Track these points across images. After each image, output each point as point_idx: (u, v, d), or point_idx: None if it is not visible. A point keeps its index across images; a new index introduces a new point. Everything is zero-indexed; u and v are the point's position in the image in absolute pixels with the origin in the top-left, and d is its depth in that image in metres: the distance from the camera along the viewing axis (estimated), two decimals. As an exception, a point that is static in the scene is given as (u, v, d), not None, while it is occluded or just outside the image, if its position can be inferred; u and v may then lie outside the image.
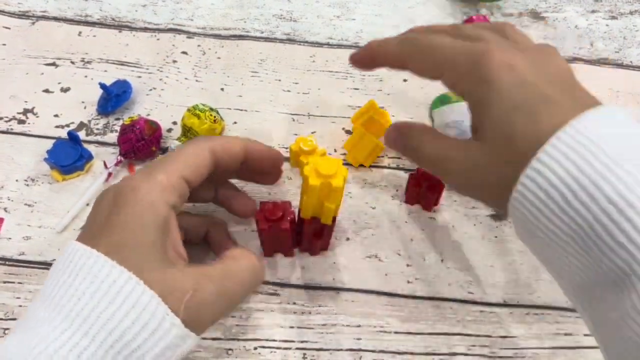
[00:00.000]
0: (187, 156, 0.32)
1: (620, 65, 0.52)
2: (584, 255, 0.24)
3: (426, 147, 0.33)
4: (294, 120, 0.47)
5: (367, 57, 0.36)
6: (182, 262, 0.30)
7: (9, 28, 0.51)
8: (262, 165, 0.37)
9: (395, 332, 0.37)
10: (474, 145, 0.30)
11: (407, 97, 0.49)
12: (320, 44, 0.52)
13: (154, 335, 0.26)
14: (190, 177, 0.31)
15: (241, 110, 0.47)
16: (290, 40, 0.52)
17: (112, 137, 0.44)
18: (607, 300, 0.24)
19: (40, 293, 0.28)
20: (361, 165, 0.44)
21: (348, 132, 0.46)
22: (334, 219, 0.35)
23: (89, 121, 0.45)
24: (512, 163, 0.26)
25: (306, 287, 0.38)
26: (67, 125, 0.45)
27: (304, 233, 0.37)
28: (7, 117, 0.45)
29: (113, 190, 0.30)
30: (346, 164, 0.43)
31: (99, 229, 0.28)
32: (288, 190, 0.42)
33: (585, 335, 0.37)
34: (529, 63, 0.29)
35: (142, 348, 0.26)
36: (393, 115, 0.46)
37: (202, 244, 0.38)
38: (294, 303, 0.37)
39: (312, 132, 0.46)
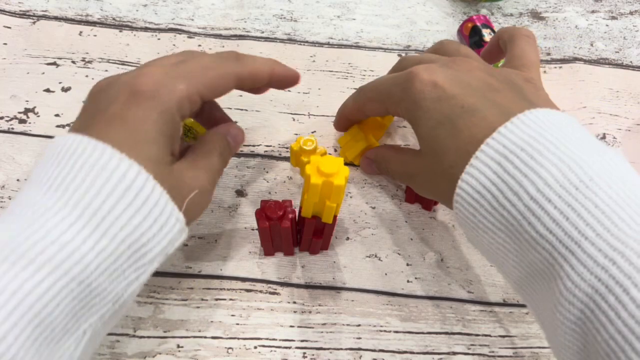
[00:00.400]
0: (212, 76, 0.31)
1: (620, 66, 0.52)
2: (517, 249, 0.27)
3: (392, 166, 0.38)
4: (294, 119, 0.47)
5: (342, 121, 0.42)
6: (177, 160, 0.31)
7: (9, 27, 0.51)
8: (278, 87, 0.37)
9: (395, 332, 0.37)
10: (419, 159, 0.34)
11: (407, 97, 0.49)
12: (320, 44, 0.52)
13: (162, 230, 0.27)
14: (206, 96, 0.31)
15: (242, 110, 0.47)
16: (291, 40, 0.52)
17: (113, 136, 0.44)
18: (541, 291, 0.27)
19: (33, 181, 0.26)
20: (351, 163, 0.44)
21: (348, 131, 0.46)
22: (334, 218, 0.35)
23: (90, 121, 0.46)
24: (445, 175, 0.30)
25: (306, 286, 0.38)
26: (68, 125, 0.45)
27: (304, 232, 0.37)
28: (8, 116, 0.45)
29: (130, 84, 0.29)
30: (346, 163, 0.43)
31: (108, 120, 0.28)
32: (289, 189, 0.42)
33: (585, 334, 0.37)
34: (450, 77, 0.31)
35: (150, 243, 0.27)
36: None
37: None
38: (294, 302, 0.37)
39: (313, 132, 0.46)
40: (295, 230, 0.37)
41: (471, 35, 0.50)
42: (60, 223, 0.24)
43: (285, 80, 0.36)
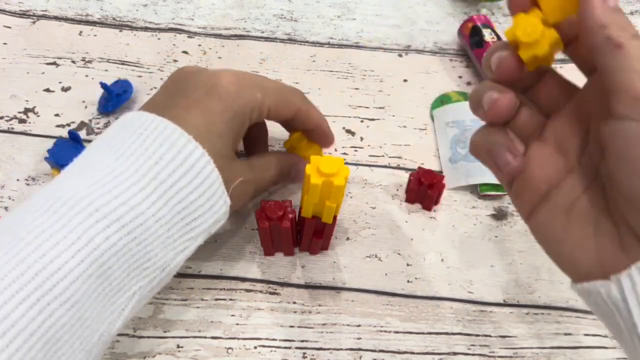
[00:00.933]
0: (283, 99, 0.35)
1: (621, 66, 0.52)
2: None
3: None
4: (294, 119, 0.46)
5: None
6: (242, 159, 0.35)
7: (9, 27, 0.51)
8: (313, 138, 0.40)
9: (395, 332, 0.37)
10: None
11: (407, 97, 0.49)
12: (320, 44, 0.52)
13: (211, 209, 0.31)
14: (272, 114, 0.35)
15: (242, 109, 0.47)
16: (291, 40, 0.52)
17: (113, 136, 0.44)
18: None
19: (106, 145, 0.29)
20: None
21: (349, 131, 0.46)
22: (334, 218, 0.35)
23: (90, 120, 0.46)
24: None
25: (306, 286, 0.38)
26: (68, 125, 0.45)
27: (304, 232, 0.37)
28: (7, 116, 0.45)
29: (213, 79, 0.32)
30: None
31: (188, 105, 0.31)
32: (289, 188, 0.42)
33: (585, 335, 0.37)
34: None
35: (200, 218, 0.30)
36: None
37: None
38: (294, 302, 0.37)
39: (313, 132, 0.46)
40: (295, 230, 0.37)
41: (471, 35, 0.50)
42: (132, 187, 0.27)
43: (323, 138, 0.39)
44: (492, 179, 0.42)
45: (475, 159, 0.29)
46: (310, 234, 0.37)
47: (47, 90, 0.47)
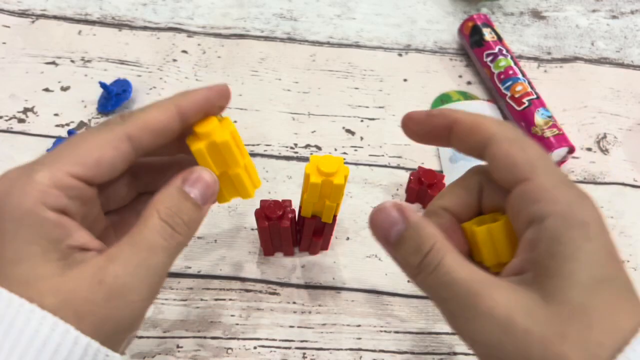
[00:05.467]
0: (85, 147, 0.24)
1: (621, 65, 0.52)
2: None
3: (449, 260, 0.23)
4: (294, 119, 0.46)
5: (423, 124, 0.28)
6: (93, 254, 0.24)
7: (8, 27, 0.51)
8: (209, 114, 0.27)
9: (395, 332, 0.37)
10: (528, 295, 0.22)
11: (407, 96, 0.49)
12: (320, 43, 0.52)
13: (44, 350, 0.21)
14: (88, 175, 0.24)
15: (241, 109, 0.47)
16: (291, 39, 0.52)
17: (112, 136, 0.44)
18: None
19: None
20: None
21: (349, 131, 0.46)
22: (334, 218, 0.35)
23: (89, 120, 0.45)
24: (583, 348, 0.21)
25: (306, 286, 0.38)
26: (67, 124, 0.45)
27: (304, 232, 0.37)
28: (7, 116, 0.45)
29: None
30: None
31: None
32: (288, 188, 0.42)
33: (586, 335, 0.37)
34: (609, 233, 0.23)
35: None
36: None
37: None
38: (294, 302, 0.37)
39: (312, 132, 0.46)
40: (295, 230, 0.37)
41: (471, 34, 0.49)
42: None
43: (208, 106, 0.27)
44: (493, 179, 0.42)
45: (475, 159, 0.29)
46: (310, 233, 0.36)
47: (46, 89, 0.47)
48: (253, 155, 0.44)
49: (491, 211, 0.27)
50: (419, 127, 0.27)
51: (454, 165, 0.44)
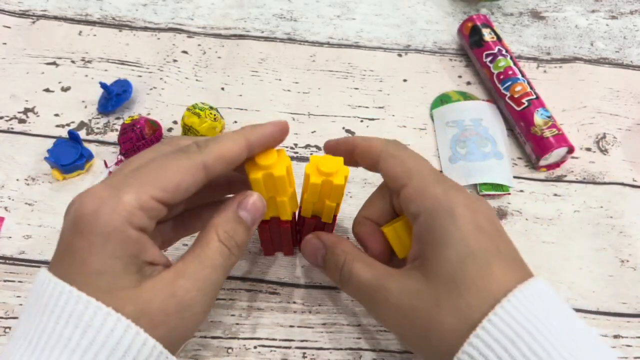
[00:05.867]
0: (170, 176, 0.26)
1: (621, 65, 0.52)
2: None
3: (358, 271, 0.30)
4: (294, 119, 0.47)
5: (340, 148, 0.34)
6: (160, 269, 0.27)
7: (9, 27, 0.51)
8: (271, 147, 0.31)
9: (395, 331, 0.37)
10: (415, 277, 0.28)
11: (407, 96, 0.49)
12: (320, 44, 0.52)
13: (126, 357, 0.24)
14: (167, 199, 0.26)
15: (241, 109, 0.47)
16: (291, 40, 0.52)
17: (113, 136, 0.44)
18: None
19: (17, 333, 0.25)
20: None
21: (348, 131, 0.46)
22: (334, 218, 0.35)
23: (90, 120, 0.46)
24: (457, 313, 0.25)
25: (306, 286, 0.38)
26: (68, 125, 0.45)
27: (304, 232, 0.37)
28: (7, 116, 0.45)
29: (73, 209, 0.26)
30: None
31: (60, 254, 0.26)
32: (288, 189, 0.42)
33: (585, 334, 0.37)
34: (484, 211, 0.28)
35: None
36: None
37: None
38: (294, 302, 0.37)
39: (312, 132, 0.46)
40: (295, 230, 0.37)
41: (471, 34, 0.50)
42: None
43: (272, 140, 0.30)
44: (492, 179, 0.42)
45: (475, 158, 0.29)
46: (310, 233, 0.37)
47: (47, 90, 0.47)
48: (253, 155, 0.44)
49: (402, 213, 0.32)
50: (333, 153, 0.33)
51: (453, 165, 0.44)
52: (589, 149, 0.46)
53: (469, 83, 0.50)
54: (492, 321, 0.24)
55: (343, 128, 0.46)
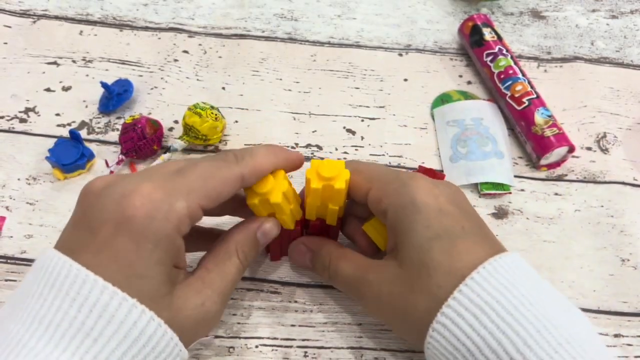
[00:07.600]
0: (214, 185, 0.28)
1: (621, 65, 0.52)
2: None
3: (343, 267, 0.33)
4: (294, 119, 0.47)
5: None
6: (183, 274, 0.29)
7: (10, 27, 0.51)
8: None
9: (397, 331, 0.37)
10: (391, 267, 0.30)
11: (408, 96, 0.49)
12: (321, 43, 0.52)
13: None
14: (208, 206, 0.28)
15: (242, 109, 0.47)
16: (291, 40, 0.52)
17: (114, 135, 0.45)
18: None
19: (16, 310, 0.24)
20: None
21: (349, 130, 0.46)
22: (339, 220, 0.35)
23: (91, 120, 0.46)
24: (428, 293, 0.27)
25: (307, 285, 0.38)
26: (69, 124, 0.45)
27: (309, 234, 0.37)
28: (8, 115, 0.45)
29: (119, 205, 0.25)
30: None
31: (97, 248, 0.25)
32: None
33: (586, 333, 0.37)
34: (447, 194, 0.30)
35: None
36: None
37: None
38: (296, 301, 0.37)
39: (313, 131, 0.46)
40: (303, 233, 0.37)
41: (471, 34, 0.50)
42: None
43: (292, 166, 0.33)
44: (493, 178, 0.43)
45: (476, 157, 0.30)
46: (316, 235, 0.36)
47: (48, 89, 0.47)
48: (254, 154, 0.44)
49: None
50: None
51: (454, 165, 0.44)
52: (589, 148, 0.46)
53: (469, 82, 0.50)
54: (459, 296, 0.26)
55: (344, 127, 0.46)
